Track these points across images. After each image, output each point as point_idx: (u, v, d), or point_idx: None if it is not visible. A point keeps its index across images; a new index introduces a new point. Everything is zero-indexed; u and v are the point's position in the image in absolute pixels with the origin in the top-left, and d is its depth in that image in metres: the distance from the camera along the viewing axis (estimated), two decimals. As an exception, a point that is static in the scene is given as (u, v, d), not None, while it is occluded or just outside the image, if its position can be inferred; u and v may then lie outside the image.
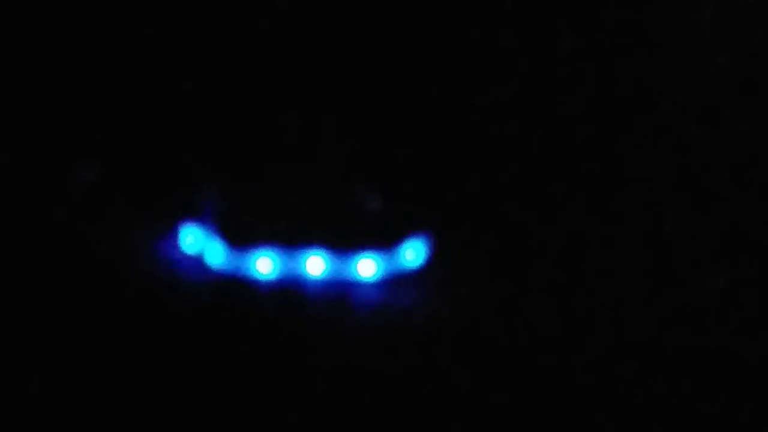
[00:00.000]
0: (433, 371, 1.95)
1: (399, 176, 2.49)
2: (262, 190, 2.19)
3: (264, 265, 2.17)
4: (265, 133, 2.21)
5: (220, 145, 2.23)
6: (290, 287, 2.17)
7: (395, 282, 2.19)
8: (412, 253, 2.20)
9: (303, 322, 2.07)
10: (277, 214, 2.19)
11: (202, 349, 1.99)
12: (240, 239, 2.18)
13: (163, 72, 2.31)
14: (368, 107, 2.41)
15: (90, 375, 1.93)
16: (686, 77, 2.58)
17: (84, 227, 2.30)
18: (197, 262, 2.21)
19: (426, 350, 2.00)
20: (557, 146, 2.58)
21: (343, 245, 2.18)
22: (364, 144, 2.36)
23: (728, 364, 1.96)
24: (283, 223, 2.19)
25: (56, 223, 2.30)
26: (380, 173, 2.40)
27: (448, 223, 2.32)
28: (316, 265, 2.17)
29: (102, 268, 2.19)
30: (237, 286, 2.16)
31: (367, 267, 2.17)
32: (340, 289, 2.17)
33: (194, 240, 2.23)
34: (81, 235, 2.28)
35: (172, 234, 2.26)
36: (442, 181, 2.51)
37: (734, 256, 2.25)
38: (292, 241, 2.18)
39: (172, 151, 2.30)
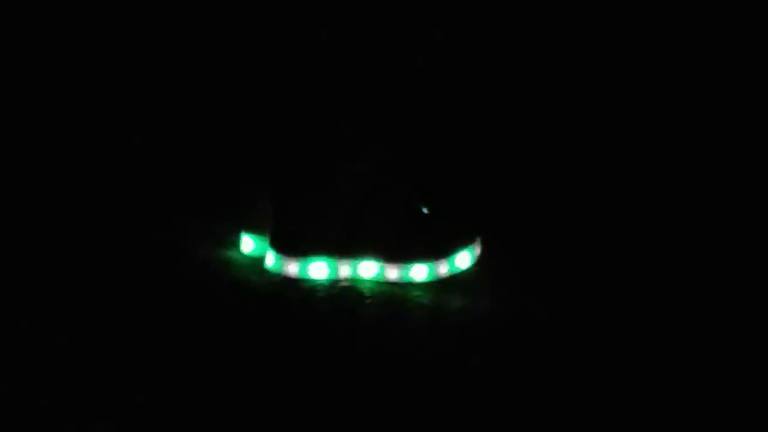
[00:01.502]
0: (478, 371, 1.97)
1: (447, 185, 2.55)
2: (317, 201, 2.23)
3: (318, 270, 2.23)
4: (317, 147, 2.22)
5: (276, 161, 2.25)
6: (343, 290, 2.23)
7: (444, 285, 2.23)
8: (462, 259, 2.26)
9: (354, 324, 2.12)
10: (332, 223, 2.23)
11: (258, 343, 2.04)
12: (295, 246, 2.23)
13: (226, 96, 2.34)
14: (417, 119, 2.45)
15: (159, 358, 1.99)
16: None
17: (158, 233, 2.41)
18: (256, 265, 2.28)
19: (472, 351, 2.03)
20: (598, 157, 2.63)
21: (395, 252, 2.23)
22: (415, 155, 2.39)
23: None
24: (338, 230, 2.23)
25: (134, 230, 2.42)
26: (429, 181, 2.47)
27: (495, 230, 2.37)
28: (368, 269, 2.23)
29: (174, 267, 2.29)
30: (292, 289, 2.22)
31: (417, 272, 2.23)
32: (390, 293, 2.22)
33: (254, 246, 2.30)
34: (155, 240, 2.38)
35: (235, 240, 2.34)
36: (489, 189, 2.57)
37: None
38: (346, 247, 2.23)
39: (234, 167, 2.35)
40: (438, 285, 2.24)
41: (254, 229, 2.32)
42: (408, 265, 2.24)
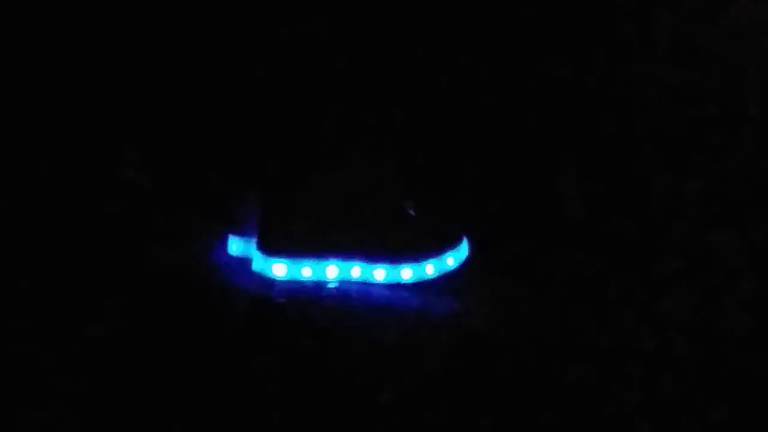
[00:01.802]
0: (466, 373, 1.98)
1: (436, 184, 2.55)
2: (304, 202, 2.23)
3: (306, 270, 2.23)
4: (303, 146, 2.22)
5: (262, 161, 2.25)
6: (330, 291, 2.23)
7: (432, 286, 2.24)
8: (450, 260, 2.26)
9: (340, 324, 2.13)
10: (319, 223, 2.23)
11: (245, 346, 2.06)
12: (282, 247, 2.23)
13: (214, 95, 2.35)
14: (406, 116, 2.45)
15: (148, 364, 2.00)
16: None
17: (145, 235, 2.40)
18: (243, 266, 2.27)
19: (461, 353, 2.04)
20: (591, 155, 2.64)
21: (382, 253, 2.23)
22: (403, 154, 2.39)
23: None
24: (324, 231, 2.23)
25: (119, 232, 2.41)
26: (417, 182, 2.47)
27: (483, 230, 2.37)
28: (355, 270, 2.23)
29: (160, 270, 2.29)
30: (278, 290, 2.23)
31: (405, 273, 2.23)
32: (376, 293, 2.22)
33: (240, 247, 2.30)
34: (142, 242, 2.38)
35: (221, 241, 2.33)
36: (477, 189, 2.57)
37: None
38: (333, 248, 2.23)
39: (221, 167, 2.35)
40: (425, 286, 2.24)
41: (240, 230, 2.31)
42: (395, 266, 2.23)
